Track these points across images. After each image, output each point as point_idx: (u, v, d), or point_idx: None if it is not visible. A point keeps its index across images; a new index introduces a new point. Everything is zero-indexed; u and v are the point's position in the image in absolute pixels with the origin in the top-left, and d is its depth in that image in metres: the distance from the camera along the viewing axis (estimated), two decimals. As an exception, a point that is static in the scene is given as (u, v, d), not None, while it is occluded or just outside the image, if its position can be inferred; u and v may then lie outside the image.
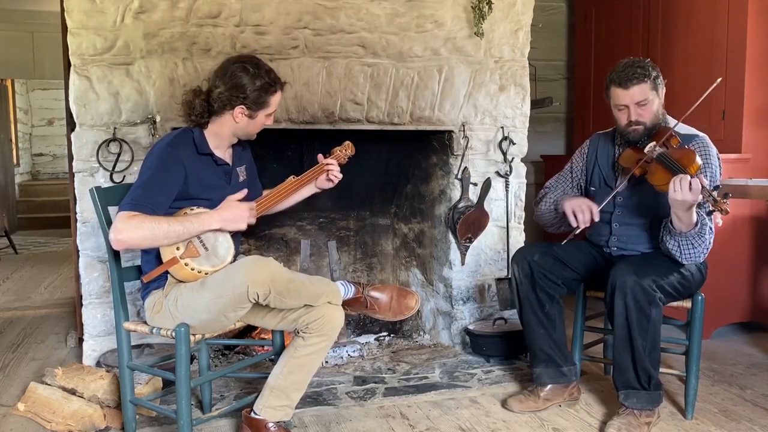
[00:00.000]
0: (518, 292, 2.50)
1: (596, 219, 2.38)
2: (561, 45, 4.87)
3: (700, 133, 2.40)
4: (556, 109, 4.73)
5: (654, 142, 2.30)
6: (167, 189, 2.05)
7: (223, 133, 2.20)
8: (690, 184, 2.07)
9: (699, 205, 2.15)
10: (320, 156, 2.44)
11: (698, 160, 2.19)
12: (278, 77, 2.20)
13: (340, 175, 2.42)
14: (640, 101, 2.32)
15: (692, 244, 2.22)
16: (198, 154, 2.15)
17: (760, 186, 2.82)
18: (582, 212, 2.37)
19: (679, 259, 2.26)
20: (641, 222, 2.43)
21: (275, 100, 2.21)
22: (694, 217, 2.16)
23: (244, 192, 2.21)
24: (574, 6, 4.77)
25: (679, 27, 3.79)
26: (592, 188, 2.57)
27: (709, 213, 2.13)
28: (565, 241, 2.44)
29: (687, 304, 2.41)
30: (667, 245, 2.27)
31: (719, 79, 2.30)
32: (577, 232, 2.40)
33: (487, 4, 2.96)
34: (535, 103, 3.93)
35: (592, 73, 4.52)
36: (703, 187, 2.06)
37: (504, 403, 2.55)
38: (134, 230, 1.95)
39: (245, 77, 2.11)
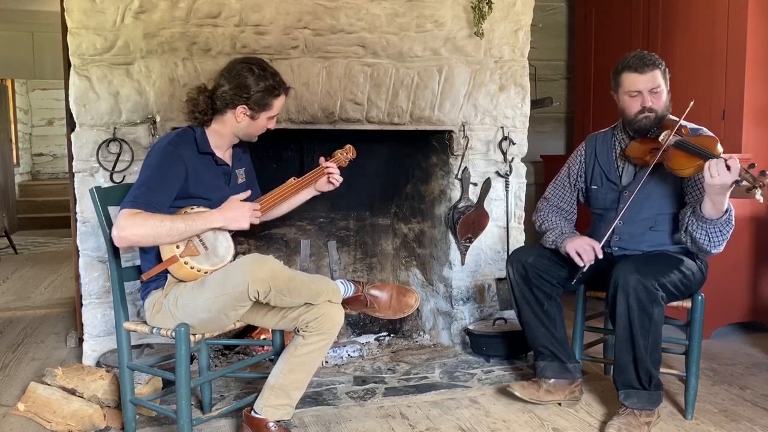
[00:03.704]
0: (514, 292, 2.50)
1: (600, 256, 2.35)
2: (561, 45, 4.87)
3: (703, 128, 2.41)
4: (556, 109, 4.73)
5: (667, 131, 2.31)
6: (168, 187, 2.06)
7: (224, 133, 2.20)
8: (727, 165, 2.04)
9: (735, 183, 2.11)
10: (322, 158, 2.44)
11: (719, 146, 2.20)
12: (283, 81, 2.21)
13: (341, 179, 2.44)
14: (653, 88, 2.33)
15: (721, 231, 2.21)
16: (199, 153, 2.16)
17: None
18: (585, 252, 2.34)
19: (708, 249, 2.25)
20: (645, 218, 2.41)
21: (278, 103, 2.22)
22: (726, 203, 2.15)
23: (248, 193, 2.22)
24: (574, 6, 4.77)
25: (679, 27, 3.79)
26: (594, 186, 2.55)
27: (748, 190, 2.07)
28: (574, 281, 2.41)
29: (687, 304, 2.41)
30: (695, 235, 2.24)
31: (692, 103, 2.32)
32: (585, 270, 2.37)
33: (487, 4, 2.96)
34: (535, 103, 3.93)
35: (592, 73, 4.52)
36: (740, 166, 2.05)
37: (506, 388, 2.54)
38: (138, 227, 1.96)
39: (250, 77, 2.12)
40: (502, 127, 3.15)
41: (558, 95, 4.77)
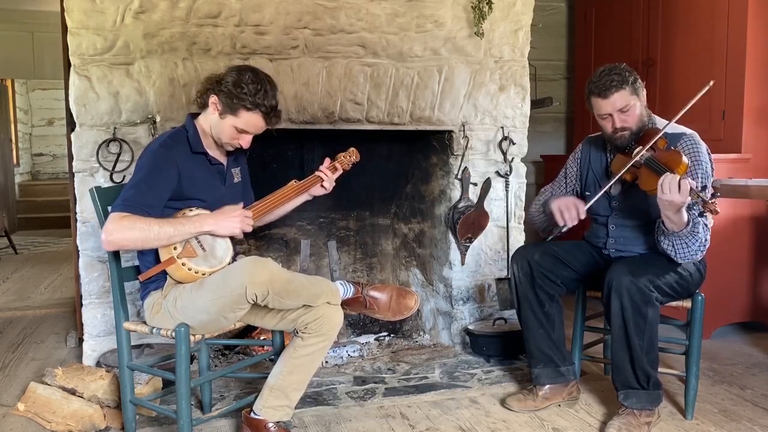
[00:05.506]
0: (517, 291, 2.50)
1: (582, 217, 2.35)
2: (561, 45, 4.87)
3: (688, 131, 2.37)
4: (556, 109, 4.73)
5: (641, 147, 2.29)
6: (159, 190, 2.05)
7: (205, 128, 2.19)
8: (679, 184, 2.06)
9: (689, 207, 2.14)
10: (327, 160, 2.43)
11: (685, 160, 2.18)
12: (264, 104, 2.11)
13: (333, 182, 2.41)
14: (622, 108, 2.30)
15: (686, 243, 2.21)
16: (192, 153, 2.15)
17: (760, 186, 2.81)
18: (568, 210, 2.34)
19: (675, 259, 2.26)
20: (637, 224, 2.43)
21: (248, 117, 2.12)
22: (685, 217, 2.15)
23: (240, 205, 2.20)
24: (574, 6, 4.77)
25: (679, 27, 3.79)
26: (587, 192, 2.56)
27: (701, 214, 2.12)
28: (550, 238, 2.44)
29: (687, 303, 2.41)
30: (662, 245, 2.27)
31: (711, 82, 2.28)
32: (564, 230, 2.38)
33: (487, 4, 2.96)
34: (535, 103, 3.93)
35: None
36: (691, 188, 2.05)
37: (503, 402, 2.55)
38: (126, 231, 1.95)
39: (237, 77, 2.11)
40: (502, 127, 3.15)
41: (558, 95, 4.77)
